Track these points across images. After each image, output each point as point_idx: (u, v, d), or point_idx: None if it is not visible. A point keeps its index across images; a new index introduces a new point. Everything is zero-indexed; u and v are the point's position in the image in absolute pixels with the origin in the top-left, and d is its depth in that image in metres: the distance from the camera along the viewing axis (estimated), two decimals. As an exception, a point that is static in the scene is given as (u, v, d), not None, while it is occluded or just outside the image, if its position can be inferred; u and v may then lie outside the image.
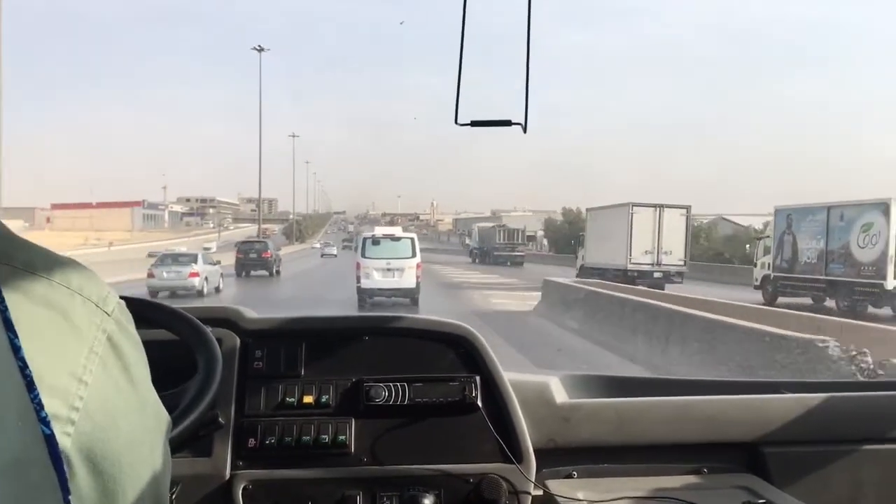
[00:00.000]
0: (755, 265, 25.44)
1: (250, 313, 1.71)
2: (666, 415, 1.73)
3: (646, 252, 25.13)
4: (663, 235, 25.20)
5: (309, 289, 27.17)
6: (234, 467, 1.56)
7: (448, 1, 1.28)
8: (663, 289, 24.69)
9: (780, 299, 24.03)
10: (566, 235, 61.25)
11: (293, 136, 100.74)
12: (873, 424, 1.75)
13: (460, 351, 1.67)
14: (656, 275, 24.97)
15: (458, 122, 1.23)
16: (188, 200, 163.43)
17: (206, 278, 23.42)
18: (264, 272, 31.44)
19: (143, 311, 1.26)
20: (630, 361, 11.17)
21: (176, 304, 1.41)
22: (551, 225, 72.85)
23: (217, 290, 24.34)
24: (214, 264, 25.09)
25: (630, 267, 25.36)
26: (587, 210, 32.67)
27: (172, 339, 1.33)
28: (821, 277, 22.17)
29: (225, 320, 1.66)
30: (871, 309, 20.80)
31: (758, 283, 25.00)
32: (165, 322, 1.35)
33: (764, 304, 24.13)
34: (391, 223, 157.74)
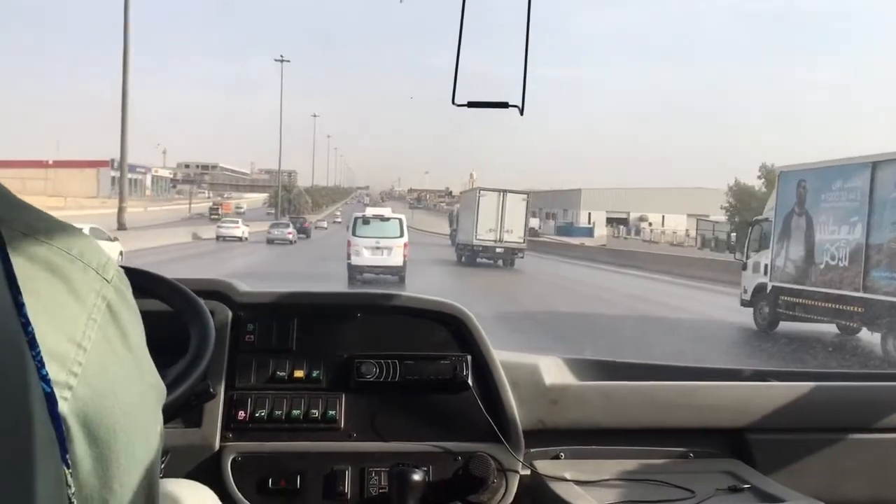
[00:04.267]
0: (744, 266, 15.32)
1: (243, 286, 1.69)
2: (654, 399, 1.72)
3: (490, 230, 27.91)
4: (505, 217, 27.92)
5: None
6: (223, 439, 1.56)
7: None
8: (513, 264, 27.92)
9: (783, 325, 14.03)
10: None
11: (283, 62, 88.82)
12: (856, 414, 1.76)
13: (452, 329, 1.66)
14: (498, 250, 27.99)
15: (455, 102, 1.24)
16: (187, 166, 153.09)
17: (293, 234, 40.71)
18: (304, 235, 46.64)
19: (139, 281, 1.27)
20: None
21: (172, 276, 1.41)
22: (744, 192, 41.33)
23: (294, 241, 39.57)
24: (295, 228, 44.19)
25: (476, 243, 28.24)
26: (460, 193, 39.65)
27: (167, 309, 1.34)
28: (855, 295, 12.09)
29: (217, 293, 1.64)
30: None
31: (748, 297, 14.93)
32: (160, 292, 1.36)
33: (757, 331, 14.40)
34: (418, 199, 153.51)
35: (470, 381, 1.62)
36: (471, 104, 1.26)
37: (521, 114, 1.23)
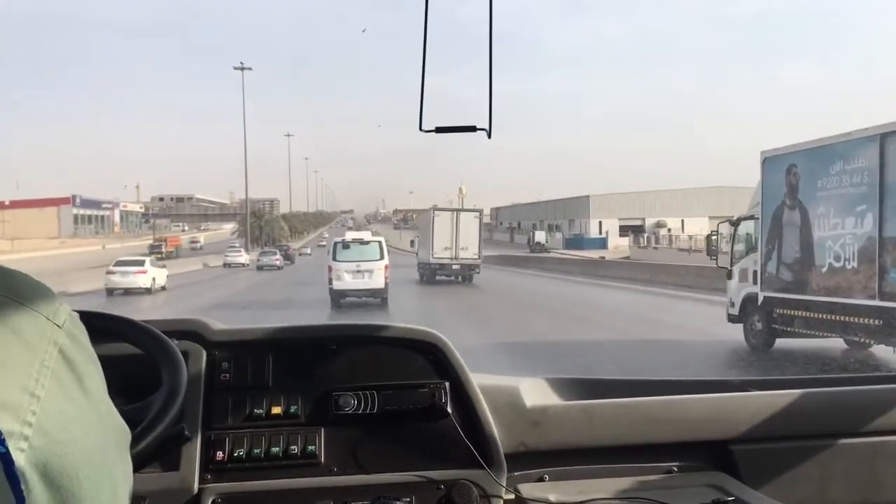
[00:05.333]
0: (729, 274, 12.78)
1: (216, 324, 1.67)
2: (635, 415, 1.71)
3: (445, 248, 28.76)
4: (460, 234, 28.80)
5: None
6: (202, 481, 1.53)
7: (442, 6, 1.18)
8: (471, 279, 28.58)
9: (781, 343, 11.53)
10: None
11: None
12: (839, 419, 1.74)
13: (429, 357, 1.64)
14: (455, 267, 28.69)
15: (423, 128, 1.26)
16: (161, 199, 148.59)
17: (280, 260, 47.33)
18: (289, 262, 50.75)
19: (106, 325, 1.31)
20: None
21: (141, 318, 1.41)
22: None
23: (281, 267, 45.63)
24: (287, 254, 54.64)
25: (433, 261, 28.81)
26: (416, 216, 39.73)
27: (139, 352, 1.34)
28: (869, 303, 9.59)
29: (191, 332, 1.62)
30: None
31: (735, 311, 12.40)
32: (129, 336, 1.35)
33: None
34: (404, 220, 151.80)
35: (449, 409, 1.58)
36: (438, 129, 1.27)
37: (489, 137, 1.25)
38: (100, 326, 1.25)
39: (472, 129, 1.26)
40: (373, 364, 1.62)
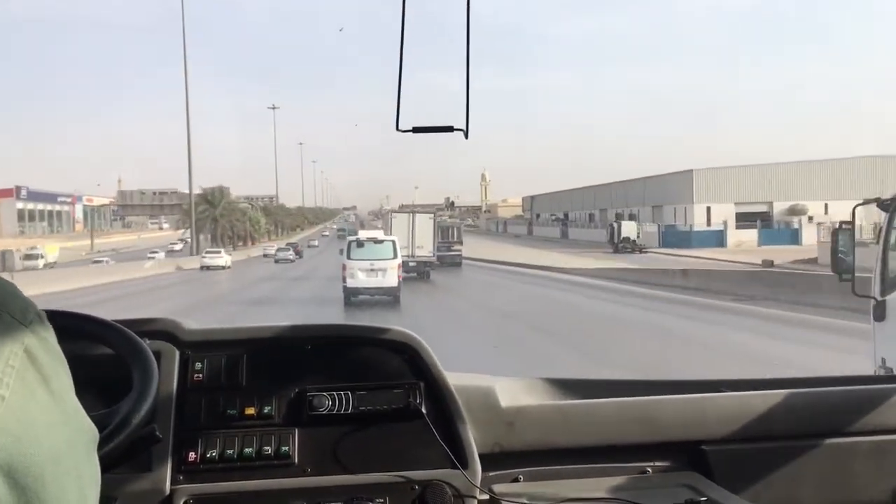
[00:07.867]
0: (879, 310, 6.36)
1: (189, 324, 1.68)
2: (610, 416, 1.74)
3: (402, 247, 29.31)
4: (416, 234, 31.60)
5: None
6: (174, 482, 1.54)
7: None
8: (428, 276, 30.79)
9: None
10: None
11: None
12: (813, 420, 1.76)
13: (404, 357, 1.67)
14: (411, 264, 29.66)
15: (399, 128, 1.29)
16: (143, 193, 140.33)
17: (292, 255, 56.22)
18: (298, 257, 58.01)
19: (78, 324, 1.34)
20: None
21: (114, 318, 1.42)
22: None
23: (294, 260, 53.79)
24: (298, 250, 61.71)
25: None
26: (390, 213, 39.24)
27: (111, 353, 1.37)
28: None
29: (163, 332, 1.64)
30: None
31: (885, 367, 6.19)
32: (100, 335, 1.36)
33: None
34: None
35: (423, 409, 1.60)
36: (415, 130, 1.30)
37: (466, 137, 1.30)
38: (71, 326, 1.27)
39: (450, 129, 1.30)
40: (347, 364, 1.64)
